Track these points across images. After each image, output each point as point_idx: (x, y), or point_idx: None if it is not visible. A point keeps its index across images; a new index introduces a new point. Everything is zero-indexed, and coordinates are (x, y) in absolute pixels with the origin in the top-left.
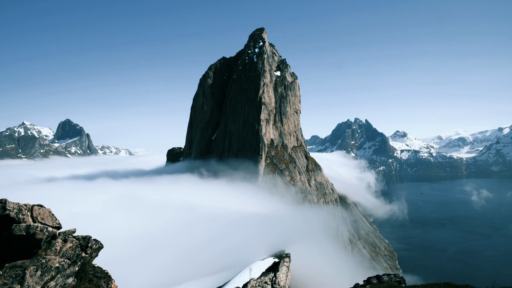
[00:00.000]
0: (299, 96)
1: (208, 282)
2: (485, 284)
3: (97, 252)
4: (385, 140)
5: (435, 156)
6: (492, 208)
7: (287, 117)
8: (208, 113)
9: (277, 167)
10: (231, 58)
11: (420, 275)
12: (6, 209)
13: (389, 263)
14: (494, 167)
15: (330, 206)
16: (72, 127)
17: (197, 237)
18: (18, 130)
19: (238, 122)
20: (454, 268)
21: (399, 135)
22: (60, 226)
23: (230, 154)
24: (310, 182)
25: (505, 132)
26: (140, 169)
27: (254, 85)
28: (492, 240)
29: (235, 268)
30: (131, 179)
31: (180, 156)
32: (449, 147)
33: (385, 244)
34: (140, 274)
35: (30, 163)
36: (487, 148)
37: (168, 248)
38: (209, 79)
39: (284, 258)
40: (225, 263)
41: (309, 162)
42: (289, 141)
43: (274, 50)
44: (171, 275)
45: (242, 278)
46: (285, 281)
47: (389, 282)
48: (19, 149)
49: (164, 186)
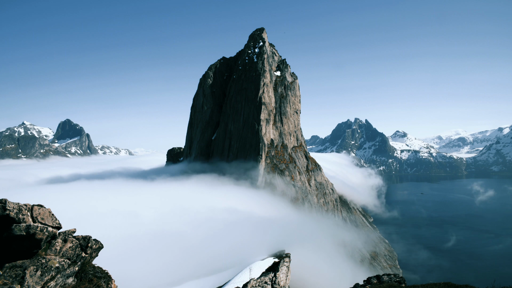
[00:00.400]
0: (299, 96)
1: (208, 282)
2: (485, 284)
3: (97, 252)
4: (385, 140)
5: (435, 156)
6: (492, 208)
7: (287, 117)
8: (208, 113)
9: (277, 167)
10: (231, 58)
11: (420, 275)
12: (6, 209)
13: (389, 263)
14: (494, 167)
15: (330, 206)
16: (72, 127)
17: (197, 237)
18: (18, 130)
19: (238, 122)
20: (454, 268)
21: (399, 135)
22: (60, 226)
23: (230, 154)
24: (310, 182)
25: (505, 132)
26: (140, 169)
27: (254, 85)
28: (492, 240)
29: (235, 268)
30: (131, 181)
31: (180, 156)
32: (449, 147)
33: (385, 244)
34: (140, 274)
35: (29, 163)
36: (487, 148)
37: (168, 248)
38: (209, 79)
39: (284, 258)
40: (225, 263)
41: (309, 162)
42: (289, 141)
43: (274, 50)
44: (171, 275)
45: (242, 278)
46: (285, 281)
47: (389, 282)
48: (19, 149)
49: (164, 187)
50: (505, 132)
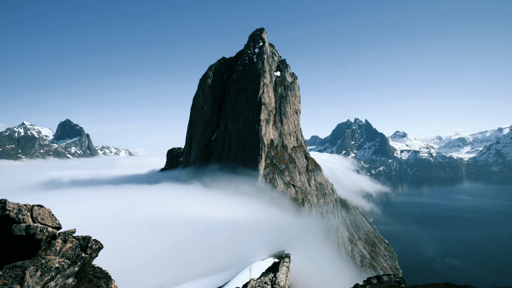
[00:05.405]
0: (299, 96)
1: (208, 282)
2: (485, 284)
3: (97, 252)
4: (385, 140)
5: (435, 156)
6: (492, 208)
7: (287, 117)
8: (208, 113)
9: (277, 167)
10: (231, 58)
11: (420, 275)
12: (6, 209)
13: (389, 263)
14: (494, 167)
15: (330, 206)
16: (72, 127)
17: (197, 238)
18: (18, 130)
19: (238, 122)
20: (454, 268)
21: (399, 135)
22: (60, 227)
23: (230, 155)
24: (310, 182)
25: (505, 132)
26: (139, 173)
27: (254, 85)
28: (492, 240)
29: (235, 268)
30: (131, 185)
31: (180, 157)
32: (449, 147)
33: (385, 244)
34: (140, 274)
35: (29, 164)
36: (487, 148)
37: (168, 248)
38: (209, 79)
39: (284, 258)
40: (225, 263)
41: (309, 162)
42: (289, 141)
43: (274, 50)
44: (171, 275)
45: (242, 278)
46: (285, 281)
47: (389, 282)
48: (19, 149)
49: (164, 190)
50: (505, 132)
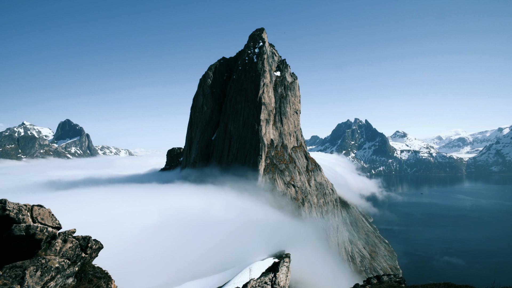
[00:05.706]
0: (299, 96)
1: (208, 282)
2: (485, 284)
3: (97, 252)
4: (385, 140)
5: (435, 156)
6: (492, 208)
7: (287, 117)
8: (208, 113)
9: (277, 167)
10: (231, 58)
11: (420, 275)
12: (6, 209)
13: (389, 263)
14: (494, 167)
15: (330, 206)
16: (72, 127)
17: (197, 238)
18: (18, 130)
19: (238, 122)
20: (454, 268)
21: (399, 135)
22: (60, 227)
23: (230, 155)
24: (310, 182)
25: (505, 132)
26: (139, 173)
27: (254, 85)
28: (492, 240)
29: (235, 268)
30: (131, 185)
31: (180, 157)
32: (449, 147)
33: (385, 244)
34: (140, 274)
35: (29, 164)
36: (487, 149)
37: (168, 248)
38: (209, 79)
39: (284, 258)
40: (225, 263)
41: (309, 162)
42: (289, 141)
43: (274, 50)
44: (171, 275)
45: (242, 278)
46: (285, 281)
47: (389, 282)
48: (19, 149)
49: (164, 190)
50: (505, 132)
